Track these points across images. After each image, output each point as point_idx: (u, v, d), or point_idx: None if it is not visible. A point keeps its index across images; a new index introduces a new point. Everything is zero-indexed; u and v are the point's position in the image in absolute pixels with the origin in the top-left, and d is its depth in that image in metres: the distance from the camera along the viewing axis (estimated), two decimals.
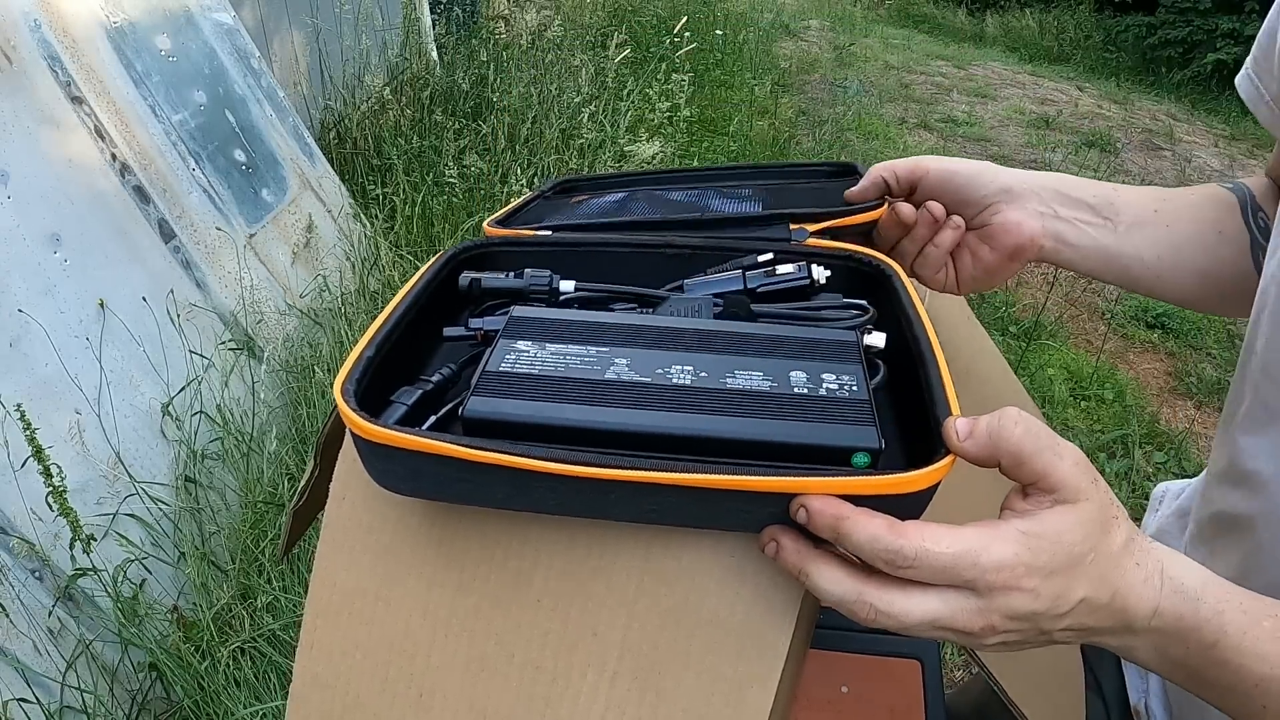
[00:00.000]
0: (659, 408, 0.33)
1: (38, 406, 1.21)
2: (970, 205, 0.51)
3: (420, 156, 2.61)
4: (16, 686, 1.10)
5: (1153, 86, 5.45)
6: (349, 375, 0.35)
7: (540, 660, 0.36)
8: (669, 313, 0.42)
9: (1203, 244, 0.52)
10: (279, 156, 1.95)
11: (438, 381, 0.39)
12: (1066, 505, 0.31)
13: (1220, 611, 0.33)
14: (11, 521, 1.16)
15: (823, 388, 0.34)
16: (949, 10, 7.44)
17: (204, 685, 1.21)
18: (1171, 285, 0.53)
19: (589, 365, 0.35)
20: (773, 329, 0.39)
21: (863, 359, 0.36)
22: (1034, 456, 0.31)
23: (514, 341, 0.37)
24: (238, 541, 1.42)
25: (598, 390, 0.34)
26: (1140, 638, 0.33)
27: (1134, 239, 0.52)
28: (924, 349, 0.36)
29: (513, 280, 0.45)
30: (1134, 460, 1.99)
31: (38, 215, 1.34)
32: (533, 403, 0.33)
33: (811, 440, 0.31)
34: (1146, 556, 0.33)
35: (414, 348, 0.42)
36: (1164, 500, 0.63)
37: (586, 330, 0.38)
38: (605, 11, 4.83)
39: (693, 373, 0.35)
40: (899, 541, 0.29)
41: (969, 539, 0.30)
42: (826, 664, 0.55)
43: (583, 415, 0.33)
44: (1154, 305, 2.73)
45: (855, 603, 0.31)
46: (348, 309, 1.91)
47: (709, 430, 0.32)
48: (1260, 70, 0.51)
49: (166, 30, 1.75)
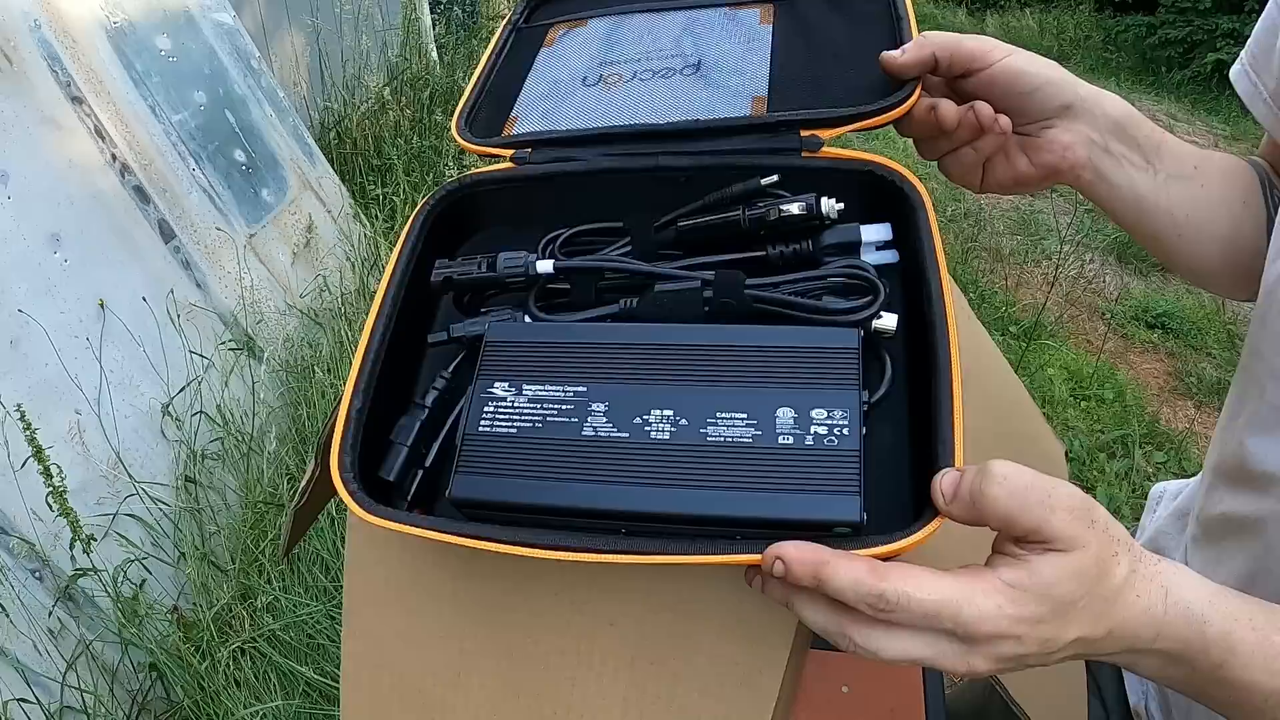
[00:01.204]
0: (639, 482, 0.33)
1: (38, 406, 1.20)
2: (1026, 113, 0.46)
3: (420, 156, 2.61)
4: (16, 686, 1.10)
5: (1153, 86, 5.45)
6: (343, 444, 0.36)
7: (563, 646, 0.38)
8: (654, 308, 0.39)
9: (1229, 211, 0.50)
10: (279, 156, 1.95)
11: (433, 403, 0.39)
12: (1059, 554, 0.30)
13: (1228, 632, 0.32)
14: (11, 521, 1.16)
15: (810, 434, 0.32)
16: (949, 10, 7.43)
17: (204, 685, 1.21)
18: (1192, 248, 0.50)
19: (566, 418, 0.35)
20: (763, 337, 0.35)
21: (860, 382, 0.33)
22: (1021, 515, 0.29)
23: (490, 385, 0.36)
24: (238, 541, 1.42)
25: (576, 458, 0.34)
26: (1144, 657, 0.33)
27: (1171, 191, 0.48)
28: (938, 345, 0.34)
29: (486, 272, 0.41)
30: (1134, 460, 1.99)
31: (38, 215, 1.34)
32: (516, 481, 0.34)
33: (790, 515, 0.31)
34: (1149, 585, 0.32)
35: (402, 361, 0.42)
36: (1161, 501, 0.63)
37: (563, 358, 0.36)
38: None
39: (672, 420, 0.34)
40: (880, 586, 0.29)
41: (951, 589, 0.29)
42: (826, 664, 0.55)
43: (564, 498, 0.33)
44: (1154, 305, 2.72)
45: (837, 635, 0.31)
46: (348, 309, 1.91)
47: (687, 509, 0.32)
48: (1258, 66, 0.50)
49: (166, 30, 1.75)
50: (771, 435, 0.32)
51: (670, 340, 0.36)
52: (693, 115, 0.43)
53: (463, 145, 0.46)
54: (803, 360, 0.34)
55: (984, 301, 2.68)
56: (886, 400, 0.37)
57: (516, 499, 0.33)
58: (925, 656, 0.30)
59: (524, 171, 0.44)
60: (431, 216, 0.44)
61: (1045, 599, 0.29)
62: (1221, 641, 0.32)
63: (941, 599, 0.29)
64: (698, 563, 0.31)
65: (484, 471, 0.34)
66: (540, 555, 0.32)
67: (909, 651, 0.30)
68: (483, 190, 0.45)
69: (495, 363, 0.37)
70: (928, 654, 0.30)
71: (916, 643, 0.30)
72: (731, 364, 0.34)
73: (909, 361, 0.38)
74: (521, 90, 0.50)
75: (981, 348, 0.55)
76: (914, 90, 0.42)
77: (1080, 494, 0.30)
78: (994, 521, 0.30)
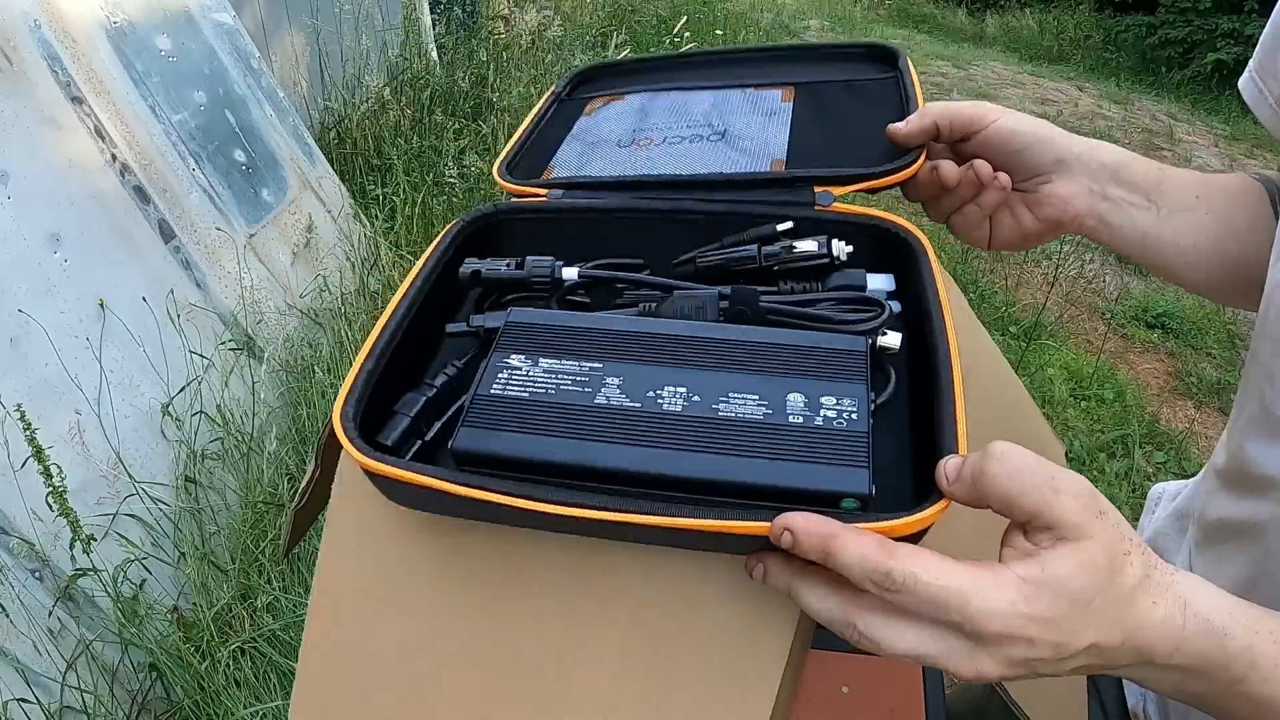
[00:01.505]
0: (647, 444, 0.32)
1: (38, 406, 1.20)
2: (1022, 170, 0.49)
3: (420, 156, 2.61)
4: (16, 686, 1.10)
5: (1153, 86, 5.45)
6: (348, 396, 0.35)
7: (542, 659, 0.36)
8: (672, 311, 0.41)
9: (1235, 232, 0.51)
10: (279, 156, 1.95)
11: (441, 386, 0.39)
12: (1069, 544, 0.29)
13: (1249, 645, 0.31)
14: (11, 521, 1.16)
15: (820, 415, 0.33)
16: (949, 10, 7.44)
17: (204, 685, 1.21)
18: (1201, 272, 0.51)
19: (580, 388, 0.35)
20: (777, 336, 0.37)
21: (868, 378, 0.35)
22: (1022, 497, 0.29)
23: (507, 356, 0.37)
24: (238, 541, 1.42)
25: (586, 422, 0.34)
26: (1159, 672, 0.32)
27: (1174, 224, 0.50)
28: (940, 358, 0.35)
29: (514, 270, 0.43)
30: (1134, 460, 1.99)
31: (38, 215, 1.34)
32: (521, 436, 0.33)
33: (798, 484, 0.31)
34: (1165, 593, 0.31)
35: (418, 346, 0.42)
36: (1160, 502, 0.63)
37: (581, 340, 0.37)
38: (605, 11, 4.83)
39: (684, 396, 0.34)
40: (889, 563, 0.28)
41: (962, 578, 0.28)
42: (826, 664, 0.55)
43: (570, 454, 0.33)
44: (1154, 305, 2.73)
45: (841, 623, 0.30)
46: (348, 309, 1.91)
47: (695, 472, 0.32)
48: (1264, 73, 0.50)
49: (166, 30, 1.75)
50: (782, 414, 0.33)
51: (687, 333, 0.37)
52: (716, 169, 0.47)
53: (502, 185, 0.50)
54: (814, 357, 0.35)
55: (984, 301, 2.68)
56: (889, 412, 0.38)
57: (520, 453, 0.33)
58: (930, 653, 0.29)
59: (554, 204, 0.47)
60: (464, 234, 0.46)
61: (1060, 596, 0.28)
62: (1243, 656, 0.31)
63: (950, 586, 0.28)
64: (702, 528, 0.30)
65: (491, 427, 0.34)
66: (540, 509, 0.31)
67: (914, 646, 0.29)
68: (514, 218, 0.47)
69: (514, 339, 0.38)
70: (933, 650, 0.29)
71: (922, 637, 0.29)
72: (745, 355, 0.36)
73: (911, 380, 0.39)
74: (560, 147, 0.54)
75: (981, 348, 0.55)
76: (919, 155, 0.46)
77: (1087, 483, 0.30)
78: (995, 501, 0.29)
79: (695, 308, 0.41)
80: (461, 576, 0.38)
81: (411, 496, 0.34)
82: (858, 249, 0.43)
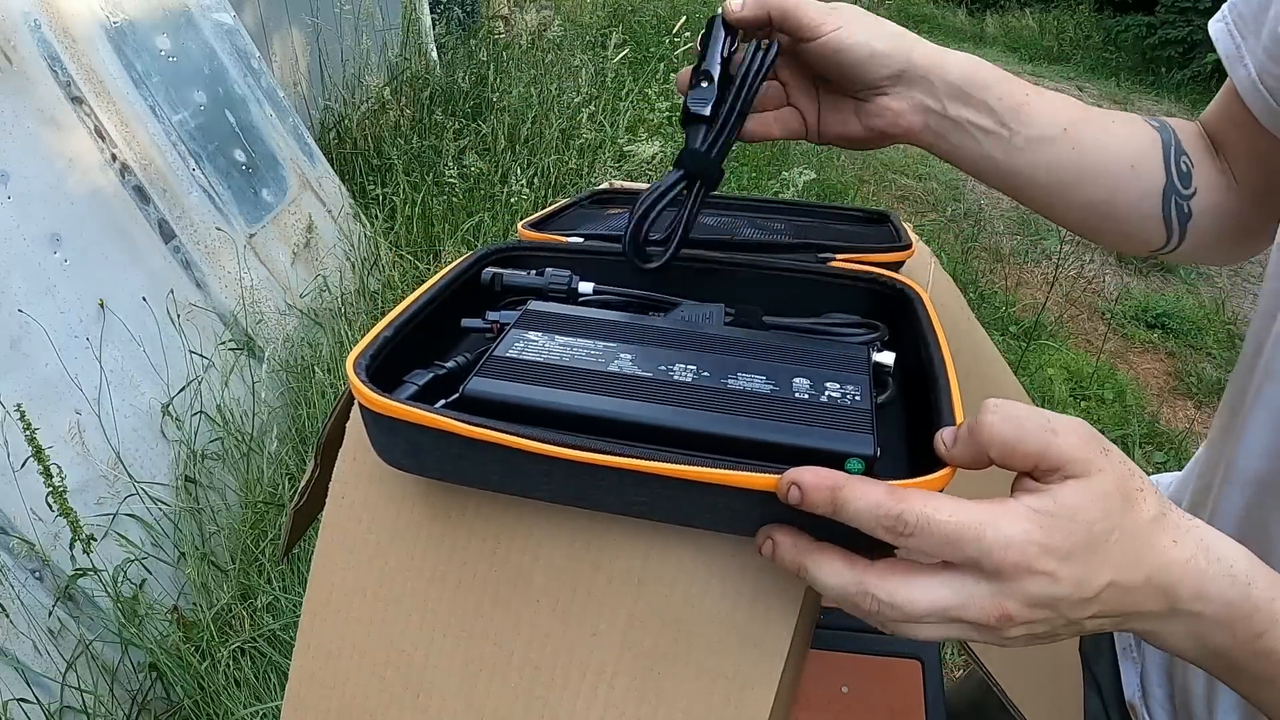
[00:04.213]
0: (656, 401, 0.33)
1: (38, 406, 1.21)
2: (855, 82, 0.48)
3: (420, 156, 2.61)
4: (16, 686, 1.10)
5: (1153, 86, 5.45)
6: (363, 351, 0.36)
7: (539, 660, 0.36)
8: (681, 318, 0.43)
9: (1109, 177, 0.49)
10: (279, 156, 1.95)
11: (450, 368, 0.39)
12: (1078, 479, 0.28)
13: (1272, 598, 0.30)
14: (11, 521, 1.16)
15: (824, 395, 0.34)
16: (949, 10, 7.44)
17: (204, 685, 1.21)
18: (1057, 209, 0.51)
19: (594, 358, 0.36)
20: (781, 339, 0.39)
21: (869, 372, 0.36)
22: (1021, 441, 0.28)
23: (525, 331, 0.38)
24: (238, 541, 1.42)
25: (598, 380, 0.34)
26: (1179, 622, 0.30)
27: (1030, 155, 0.48)
28: (938, 373, 0.36)
29: (533, 278, 0.46)
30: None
31: (38, 215, 1.34)
32: (532, 386, 0.34)
33: (803, 442, 0.31)
34: (1185, 535, 0.30)
35: (432, 335, 0.43)
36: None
37: (596, 326, 0.39)
38: (605, 11, 4.83)
39: (695, 371, 0.35)
40: (900, 506, 0.27)
41: (975, 511, 0.28)
42: (826, 664, 0.55)
43: (579, 402, 0.33)
44: (1154, 305, 2.73)
45: (857, 594, 0.29)
46: (348, 309, 1.91)
47: (702, 426, 0.32)
48: (1243, 27, 0.47)
49: (166, 30, 1.75)
50: (789, 390, 0.34)
51: (697, 329, 0.40)
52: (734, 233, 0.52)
53: (523, 235, 0.52)
54: (816, 354, 0.37)
55: (984, 301, 2.68)
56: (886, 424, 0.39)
57: (533, 400, 0.33)
58: (953, 604, 0.28)
59: (573, 246, 0.50)
60: (484, 262, 0.48)
61: (1074, 525, 0.28)
62: (1266, 608, 0.30)
63: (965, 521, 0.27)
64: (711, 479, 0.30)
65: (504, 376, 0.35)
66: (548, 451, 0.31)
67: (935, 600, 0.28)
68: (532, 254, 0.50)
69: (531, 322, 0.40)
70: (955, 600, 0.28)
71: (943, 590, 0.28)
72: (752, 348, 0.38)
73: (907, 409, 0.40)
74: (585, 224, 0.57)
75: (981, 348, 0.56)
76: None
77: (1085, 424, 0.29)
78: (995, 452, 0.29)
79: (703, 317, 0.43)
80: (459, 576, 0.38)
81: (412, 448, 0.34)
82: (856, 304, 0.46)
